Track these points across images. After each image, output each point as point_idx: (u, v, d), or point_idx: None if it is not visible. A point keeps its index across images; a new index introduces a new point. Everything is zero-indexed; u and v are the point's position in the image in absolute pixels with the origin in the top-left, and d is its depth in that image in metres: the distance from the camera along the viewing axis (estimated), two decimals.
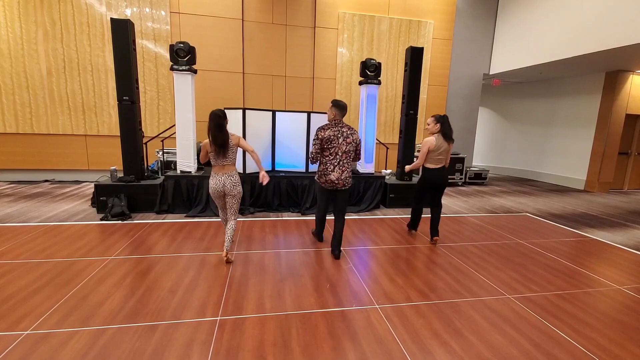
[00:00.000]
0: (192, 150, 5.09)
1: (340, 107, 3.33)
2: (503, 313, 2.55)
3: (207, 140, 3.14)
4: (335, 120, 3.34)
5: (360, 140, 3.45)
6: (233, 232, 3.23)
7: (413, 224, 4.35)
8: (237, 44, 7.17)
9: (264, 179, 3.26)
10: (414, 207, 4.26)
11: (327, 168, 3.35)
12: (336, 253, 3.47)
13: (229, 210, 3.28)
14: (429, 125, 3.85)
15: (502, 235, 4.44)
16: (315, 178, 3.51)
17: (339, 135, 3.28)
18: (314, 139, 3.34)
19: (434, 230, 3.96)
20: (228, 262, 3.21)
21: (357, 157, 3.49)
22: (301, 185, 5.31)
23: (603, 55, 6.36)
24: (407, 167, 4.16)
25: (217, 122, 3.03)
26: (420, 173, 4.00)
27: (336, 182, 3.34)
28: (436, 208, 3.98)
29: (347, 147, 3.32)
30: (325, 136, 3.27)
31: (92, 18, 6.49)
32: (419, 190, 4.08)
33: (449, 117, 3.85)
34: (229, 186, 3.18)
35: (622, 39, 5.68)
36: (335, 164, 3.32)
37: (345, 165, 3.35)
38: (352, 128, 3.39)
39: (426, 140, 3.79)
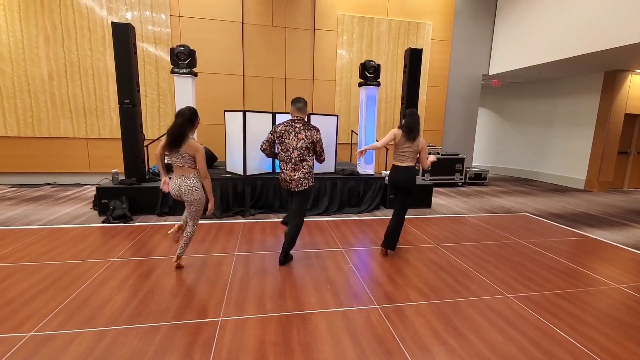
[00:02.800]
0: None
1: (295, 103, 3.17)
2: (502, 312, 2.56)
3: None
4: (294, 118, 3.15)
5: (319, 138, 3.15)
6: (188, 240, 3.01)
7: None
8: (237, 46, 7.21)
9: (209, 208, 3.00)
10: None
11: (281, 165, 3.17)
12: (280, 258, 3.25)
13: (188, 215, 3.01)
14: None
15: (501, 235, 4.46)
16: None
17: (291, 131, 3.08)
18: (269, 132, 3.20)
19: (388, 240, 3.50)
20: (179, 267, 3.07)
21: (317, 156, 3.23)
22: None
23: (602, 55, 6.39)
24: (361, 149, 3.60)
25: (179, 121, 2.78)
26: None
27: (289, 181, 3.12)
28: (397, 216, 3.50)
29: (299, 143, 3.06)
30: (277, 130, 3.12)
31: (93, 22, 6.54)
32: (389, 190, 3.60)
33: (417, 112, 3.45)
34: (184, 190, 2.86)
35: (620, 39, 5.71)
36: (288, 161, 3.10)
37: (299, 164, 3.10)
38: (310, 125, 3.15)
39: (392, 130, 3.49)
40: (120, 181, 4.91)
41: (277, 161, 5.47)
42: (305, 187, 3.16)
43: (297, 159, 3.09)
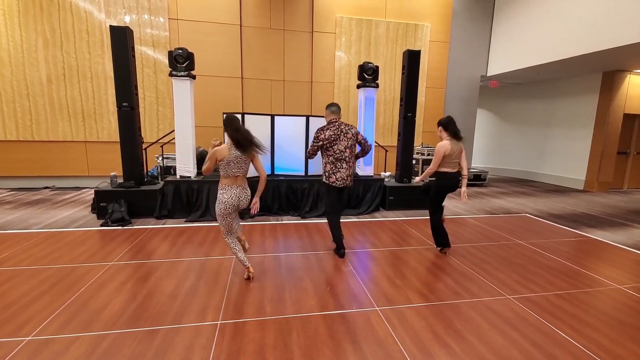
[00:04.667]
0: (191, 155, 5.11)
1: (330, 107, 3.55)
2: (503, 314, 2.55)
3: (221, 147, 2.81)
4: (332, 121, 3.49)
5: (358, 131, 3.57)
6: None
7: (440, 239, 3.75)
8: (235, 49, 7.21)
9: (255, 206, 2.91)
10: (433, 220, 3.72)
11: (335, 166, 3.47)
12: (343, 252, 3.58)
13: (237, 222, 3.13)
14: (439, 133, 3.65)
15: (501, 236, 4.45)
16: (324, 180, 3.56)
17: (339, 133, 3.44)
18: (313, 138, 3.50)
19: (446, 240, 3.69)
20: (250, 277, 2.95)
21: (364, 146, 3.59)
22: (300, 189, 5.32)
23: (600, 56, 6.40)
24: (419, 178, 3.82)
25: (237, 125, 2.83)
26: (436, 178, 3.65)
27: (345, 178, 3.50)
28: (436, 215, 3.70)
29: (349, 142, 3.48)
30: (325, 137, 3.42)
31: (92, 25, 6.55)
32: (436, 196, 3.66)
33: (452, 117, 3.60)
34: (244, 201, 2.91)
35: (618, 39, 5.72)
36: (342, 160, 3.47)
37: (352, 160, 3.53)
38: (350, 124, 3.54)
39: (440, 144, 3.51)
40: (118, 184, 4.90)
41: (276, 164, 5.52)
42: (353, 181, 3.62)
43: (350, 156, 3.51)
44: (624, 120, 8.03)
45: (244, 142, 2.81)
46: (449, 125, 3.54)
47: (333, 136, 3.43)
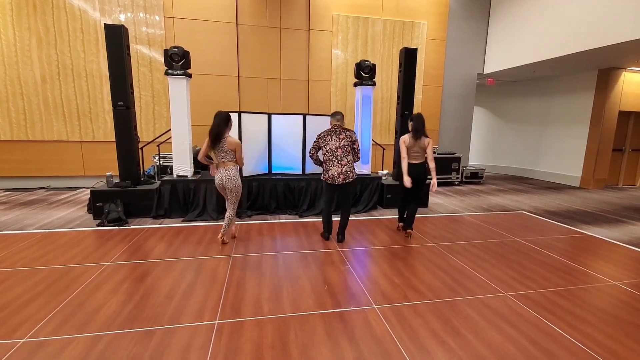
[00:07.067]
0: (188, 155, 5.08)
1: (334, 115, 3.88)
2: (500, 310, 2.56)
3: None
4: (333, 126, 3.84)
5: (356, 138, 3.82)
6: (229, 220, 3.70)
7: (400, 217, 4.45)
8: (231, 47, 7.18)
9: (213, 170, 3.75)
10: (400, 205, 4.41)
11: (327, 165, 3.77)
12: (339, 237, 3.94)
13: (228, 202, 3.72)
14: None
15: (498, 234, 4.46)
16: (322, 177, 3.89)
17: (332, 134, 3.77)
18: (314, 140, 3.88)
19: (408, 223, 4.15)
20: (223, 243, 3.79)
21: (355, 155, 3.85)
22: (298, 188, 5.31)
23: (595, 53, 6.42)
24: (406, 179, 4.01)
25: (217, 121, 3.45)
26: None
27: (337, 176, 3.71)
28: (412, 204, 4.13)
29: (341, 142, 3.73)
30: (321, 136, 3.82)
31: (86, 24, 6.49)
32: (401, 184, 4.10)
33: (422, 115, 4.02)
34: (225, 179, 3.56)
35: (613, 37, 5.74)
36: (334, 159, 3.73)
37: (344, 159, 3.73)
38: (348, 129, 3.83)
39: (402, 137, 4.06)
40: (114, 184, 4.87)
41: (273, 162, 5.51)
42: (353, 179, 3.80)
43: (342, 155, 3.73)
44: (619, 118, 8.08)
45: (213, 140, 3.49)
46: (412, 120, 4.02)
47: (327, 136, 3.78)
